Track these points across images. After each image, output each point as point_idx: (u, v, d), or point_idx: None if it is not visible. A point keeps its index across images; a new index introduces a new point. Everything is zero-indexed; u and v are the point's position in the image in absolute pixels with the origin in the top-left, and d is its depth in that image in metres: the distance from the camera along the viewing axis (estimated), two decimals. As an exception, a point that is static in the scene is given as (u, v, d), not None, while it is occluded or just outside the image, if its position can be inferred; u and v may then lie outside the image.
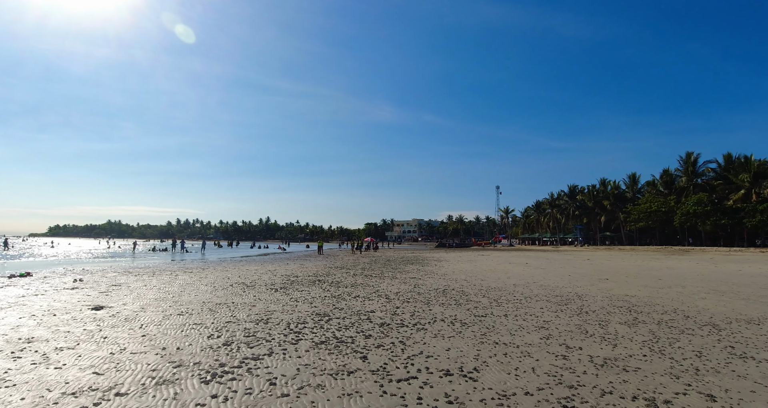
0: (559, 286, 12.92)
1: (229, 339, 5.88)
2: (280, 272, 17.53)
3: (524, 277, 15.65)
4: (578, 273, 17.99)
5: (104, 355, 5.13)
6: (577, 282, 14.12)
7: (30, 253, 36.74)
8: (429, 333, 6.28)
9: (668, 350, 5.52)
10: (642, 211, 67.69)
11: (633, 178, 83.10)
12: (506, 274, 17.05)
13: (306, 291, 11.28)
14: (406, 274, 17.28)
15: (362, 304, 9.06)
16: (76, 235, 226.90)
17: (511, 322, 7.11)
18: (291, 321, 7.14)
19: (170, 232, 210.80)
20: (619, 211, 78.78)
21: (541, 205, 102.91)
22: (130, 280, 13.88)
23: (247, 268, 20.08)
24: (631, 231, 78.21)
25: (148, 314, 7.77)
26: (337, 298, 9.98)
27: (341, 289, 11.85)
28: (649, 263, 26.32)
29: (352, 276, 16.04)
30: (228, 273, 16.84)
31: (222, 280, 14.08)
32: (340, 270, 19.26)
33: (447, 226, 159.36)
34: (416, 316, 7.67)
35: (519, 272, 18.26)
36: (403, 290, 11.57)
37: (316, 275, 16.26)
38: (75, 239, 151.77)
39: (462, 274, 17.41)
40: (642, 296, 10.73)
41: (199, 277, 15.12)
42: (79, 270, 17.97)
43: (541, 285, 13.06)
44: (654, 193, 72.97)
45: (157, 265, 22.20)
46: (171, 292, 10.93)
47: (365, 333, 6.26)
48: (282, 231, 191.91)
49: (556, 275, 16.73)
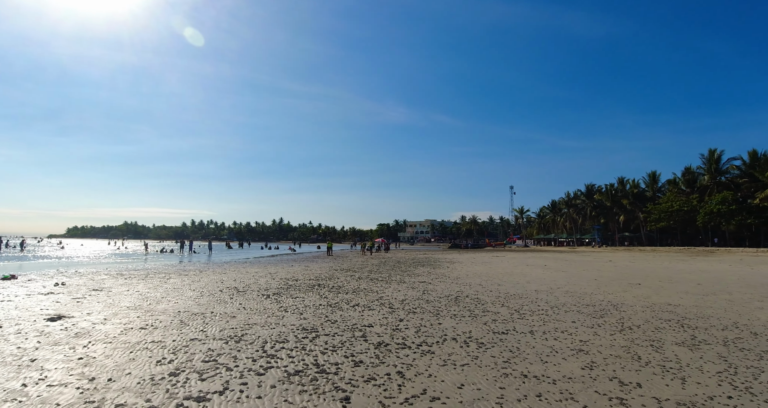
0: (587, 292, 11.44)
1: (181, 366, 4.63)
2: (281, 275, 16.34)
3: (546, 282, 14.18)
4: (605, 277, 16.43)
5: (11, 388, 3.93)
6: (607, 287, 12.62)
7: (37, 255, 36.28)
8: (437, 358, 4.94)
9: (757, 387, 4.11)
10: (663, 210, 65.14)
11: (653, 177, 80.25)
12: (525, 278, 15.59)
13: (300, 298, 10.02)
14: (416, 277, 15.93)
15: (360, 315, 7.75)
16: (93, 236, 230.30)
17: (539, 343, 5.73)
18: (269, 338, 5.87)
19: (185, 233, 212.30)
20: (639, 211, 76.10)
21: (557, 204, 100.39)
22: (116, 283, 12.81)
23: (247, 270, 18.95)
24: (652, 231, 75.46)
25: (106, 328, 6.58)
26: (333, 307, 8.69)
27: (340, 295, 10.57)
28: (677, 265, 24.53)
29: (356, 280, 14.75)
30: (224, 276, 15.70)
31: (214, 284, 12.92)
32: (345, 273, 17.99)
33: (460, 227, 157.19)
34: (422, 332, 6.33)
35: (539, 276, 16.77)
36: (410, 297, 10.23)
37: (318, 279, 15.01)
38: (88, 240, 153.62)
39: (476, 277, 16.00)
40: (688, 306, 9.23)
41: (191, 280, 13.99)
42: (71, 272, 17.02)
43: (567, 291, 11.60)
44: (675, 192, 70.16)
45: (156, 267, 21.21)
46: (150, 298, 9.78)
47: (355, 358, 4.95)
48: (295, 232, 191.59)
49: (581, 279, 15.21)
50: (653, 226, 69.64)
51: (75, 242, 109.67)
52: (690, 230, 68.76)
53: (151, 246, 59.87)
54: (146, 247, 48.99)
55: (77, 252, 43.70)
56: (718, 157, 64.61)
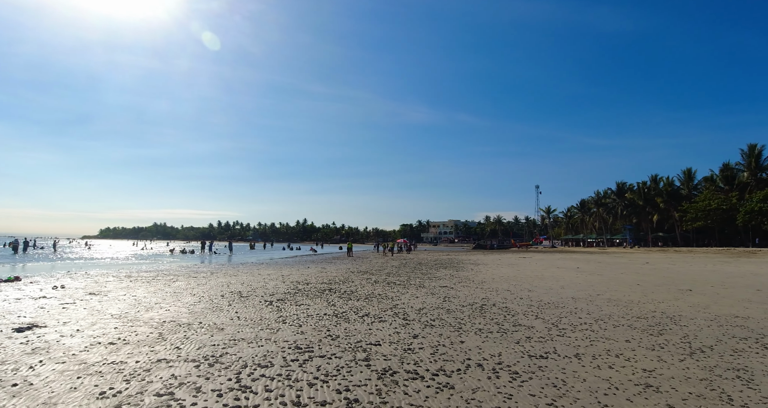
0: (633, 300, 10.00)
1: (124, 401, 3.59)
2: (293, 278, 15.38)
3: (582, 287, 12.74)
4: (647, 281, 14.81)
5: None
6: (654, 294, 11.12)
7: (63, 256, 36.61)
8: (457, 397, 3.76)
9: None
10: (700, 209, 61.75)
11: (688, 174, 76.47)
12: (558, 282, 14.16)
13: (305, 305, 8.96)
14: (437, 281, 14.70)
15: (368, 329, 6.61)
16: (124, 237, 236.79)
17: (591, 373, 4.46)
18: (252, 361, 4.81)
19: (211, 234, 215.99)
20: (673, 210, 72.51)
21: (586, 204, 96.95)
22: (117, 286, 12.07)
23: (260, 272, 18.09)
24: (687, 231, 71.80)
25: (72, 342, 5.66)
26: (338, 317, 7.59)
27: (351, 302, 9.46)
28: (724, 268, 22.48)
29: (371, 284, 13.64)
30: (233, 279, 14.84)
31: (219, 288, 12.03)
32: (361, 275, 16.91)
33: (484, 227, 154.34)
34: (440, 354, 5.15)
35: (572, 279, 15.29)
36: (429, 305, 9.03)
37: (331, 282, 13.97)
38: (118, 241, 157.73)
39: (503, 281, 14.66)
40: (759, 318, 7.74)
41: (196, 284, 13.16)
42: (81, 274, 16.51)
43: (609, 299, 10.18)
44: (713, 190, 66.43)
45: (169, 269, 20.63)
46: (143, 305, 8.91)
47: (350, 394, 3.81)
48: (318, 232, 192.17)
49: (622, 284, 13.68)
50: (689, 225, 66.18)
51: (105, 243, 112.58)
52: (728, 230, 64.97)
53: (176, 247, 60.33)
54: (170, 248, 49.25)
55: (102, 253, 44.12)
56: (759, 153, 60.92)
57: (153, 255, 39.59)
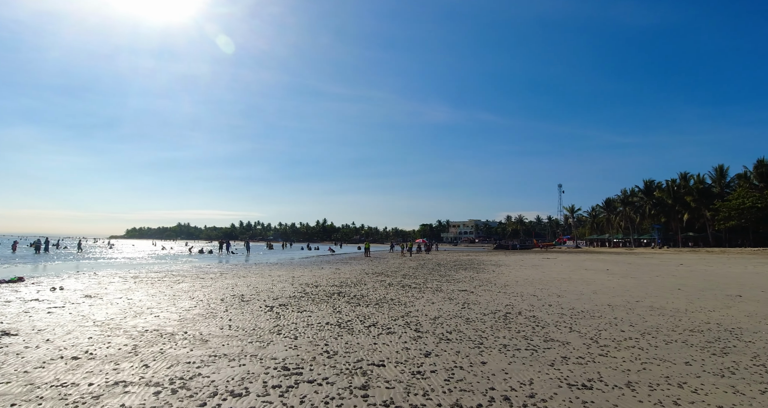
0: (679, 308, 8.82)
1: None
2: (303, 280, 14.59)
3: (617, 292, 11.55)
4: (688, 285, 13.47)
5: None
6: (700, 301, 9.88)
7: (84, 255, 36.89)
8: (477, 449, 2.82)
9: None
10: (733, 207, 58.75)
11: (720, 171, 72.97)
12: (589, 287, 12.97)
13: (308, 312, 8.11)
14: (456, 284, 13.69)
15: (373, 342, 5.70)
16: (149, 237, 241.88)
17: (651, 411, 3.46)
18: (225, 387, 3.95)
19: (233, 234, 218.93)
20: (704, 209, 69.27)
21: (611, 203, 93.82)
22: (118, 288, 11.49)
23: (270, 273, 17.39)
24: (719, 231, 68.48)
25: (34, 354, 4.94)
26: (341, 328, 6.70)
27: (359, 308, 8.57)
28: (766, 269, 20.77)
29: (385, 287, 12.72)
30: (241, 280, 14.15)
31: (222, 290, 11.31)
32: (376, 277, 16.02)
33: (506, 227, 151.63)
34: (456, 381, 4.19)
35: (604, 283, 14.06)
36: (446, 313, 8.07)
37: (342, 285, 13.12)
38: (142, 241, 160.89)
39: (528, 284, 13.55)
40: (840, 333, 6.53)
41: (200, 285, 12.49)
42: (89, 274, 16.11)
43: (651, 307, 9.01)
44: (747, 188, 63.07)
45: (180, 269, 20.17)
46: (133, 310, 8.22)
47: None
48: (338, 232, 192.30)
49: (661, 289, 12.41)
50: (722, 224, 63.06)
51: (128, 243, 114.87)
52: (763, 229, 61.61)
53: (194, 247, 60.67)
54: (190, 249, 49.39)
55: (122, 253, 44.46)
56: (799, 148, 57.53)
57: (171, 255, 39.58)
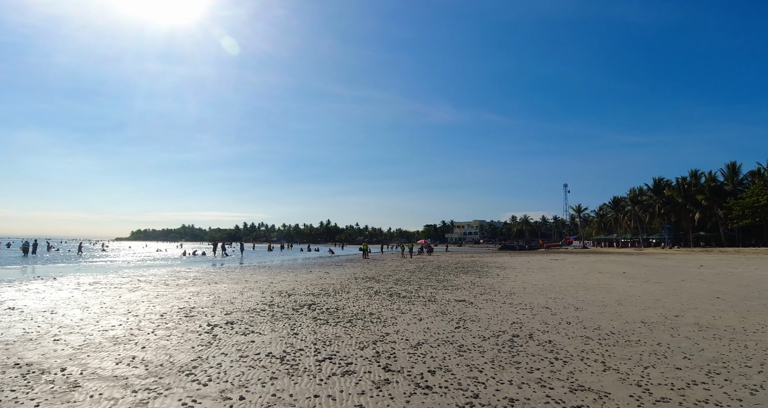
0: (734, 327, 6.90)
1: None
2: (279, 287, 12.78)
3: (646, 302, 9.63)
4: (725, 292, 11.52)
5: None
6: (754, 315, 7.95)
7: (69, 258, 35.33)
8: None
9: None
10: (747, 205, 56.39)
11: (732, 168, 70.40)
12: (610, 295, 11.06)
13: (257, 333, 6.27)
14: (453, 292, 11.82)
15: (313, 395, 3.85)
16: (154, 239, 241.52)
17: None
18: None
19: (237, 235, 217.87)
20: (717, 207, 66.86)
21: (619, 202, 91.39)
22: (57, 298, 9.73)
23: (248, 278, 15.58)
24: (732, 230, 66.02)
25: None
26: (284, 362, 4.84)
27: (325, 328, 6.73)
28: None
29: (370, 295, 10.86)
30: (209, 287, 12.36)
31: (173, 302, 9.51)
32: (364, 283, 14.17)
33: (511, 227, 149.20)
34: None
35: (626, 290, 12.14)
36: (433, 336, 6.21)
37: (321, 293, 11.27)
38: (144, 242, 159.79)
39: (538, 292, 11.65)
40: None
41: (156, 294, 10.71)
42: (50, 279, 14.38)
43: (697, 324, 7.10)
44: (761, 185, 60.61)
45: (155, 273, 18.44)
46: (36, 332, 6.44)
47: None
48: (342, 233, 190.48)
49: (694, 297, 10.46)
50: (735, 223, 60.70)
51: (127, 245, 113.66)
52: (778, 228, 59.19)
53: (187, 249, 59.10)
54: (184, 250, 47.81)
55: (112, 255, 42.89)
56: (817, 144, 55.11)
57: (161, 258, 37.90)
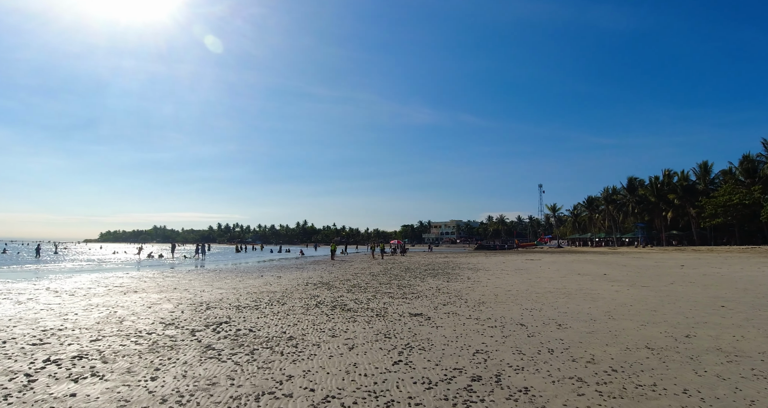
0: (762, 350, 5.22)
1: None
2: (208, 296, 10.62)
3: (641, 313, 7.92)
4: (727, 298, 9.97)
5: None
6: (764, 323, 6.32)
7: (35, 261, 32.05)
8: None
9: None
10: (719, 204, 56.71)
11: (704, 167, 71.17)
12: (595, 303, 9.36)
13: (89, 381, 4.21)
14: (412, 301, 9.92)
15: None
16: (124, 241, 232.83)
17: None
18: None
19: (211, 236, 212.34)
20: (689, 206, 67.36)
21: (594, 201, 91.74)
22: None
23: (178, 285, 13.35)
24: (704, 229, 66.61)
25: None
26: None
27: (209, 363, 4.71)
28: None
29: (308, 308, 8.83)
30: (121, 298, 10.12)
31: (33, 323, 7.32)
32: (312, 290, 12.14)
33: (487, 227, 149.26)
34: None
35: (613, 297, 10.49)
36: (357, 380, 4.27)
37: (249, 305, 9.16)
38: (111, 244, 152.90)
39: (512, 301, 9.87)
40: None
41: (36, 309, 8.45)
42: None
43: (719, 349, 5.36)
44: (733, 184, 61.21)
45: (78, 281, 15.98)
46: None
47: None
48: (319, 234, 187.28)
49: (697, 306, 8.84)
50: (707, 222, 61.15)
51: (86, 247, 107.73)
52: (749, 227, 59.82)
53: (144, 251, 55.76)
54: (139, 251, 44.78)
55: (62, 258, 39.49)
56: (784, 143, 55.82)
57: (112, 261, 34.88)
